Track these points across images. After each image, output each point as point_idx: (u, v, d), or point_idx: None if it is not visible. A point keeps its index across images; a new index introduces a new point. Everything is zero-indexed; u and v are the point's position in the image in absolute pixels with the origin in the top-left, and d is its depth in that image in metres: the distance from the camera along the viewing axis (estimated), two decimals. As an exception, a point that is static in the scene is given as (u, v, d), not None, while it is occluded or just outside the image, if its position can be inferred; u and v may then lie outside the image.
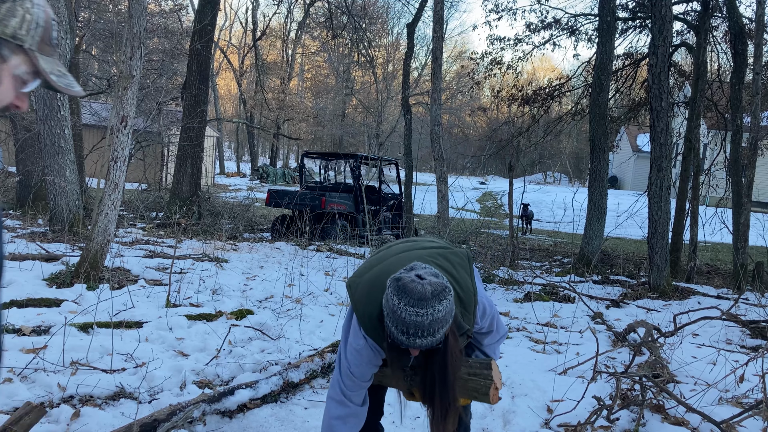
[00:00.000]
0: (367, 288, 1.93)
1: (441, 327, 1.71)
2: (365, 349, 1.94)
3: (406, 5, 23.96)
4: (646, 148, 27.50)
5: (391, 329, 1.72)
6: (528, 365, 4.08)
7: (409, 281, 1.70)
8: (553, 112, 15.50)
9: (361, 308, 1.91)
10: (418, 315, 1.66)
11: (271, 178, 31.48)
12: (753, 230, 9.41)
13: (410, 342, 1.70)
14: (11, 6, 1.06)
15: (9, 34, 1.06)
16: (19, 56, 1.09)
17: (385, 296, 1.74)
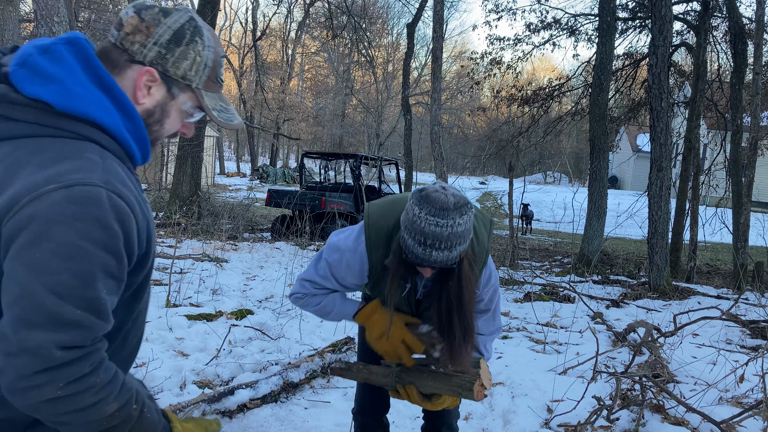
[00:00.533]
0: (387, 204, 1.93)
1: (458, 243, 1.66)
2: (348, 252, 1.90)
3: (406, 5, 23.95)
4: (646, 148, 27.50)
5: (407, 241, 1.67)
6: (528, 365, 4.08)
7: (433, 191, 1.67)
8: (553, 112, 15.50)
9: (374, 219, 1.89)
10: (438, 225, 1.62)
11: (271, 178, 31.49)
12: (753, 230, 9.41)
13: (426, 254, 1.65)
14: (184, 50, 1.16)
15: (180, 75, 1.17)
16: (186, 94, 1.20)
17: (406, 210, 1.71)
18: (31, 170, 1.02)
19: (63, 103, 1.07)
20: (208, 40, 1.21)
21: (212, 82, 1.22)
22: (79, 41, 1.12)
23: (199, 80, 1.20)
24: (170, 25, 1.16)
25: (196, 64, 1.18)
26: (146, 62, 1.15)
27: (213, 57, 1.21)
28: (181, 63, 1.17)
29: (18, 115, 1.06)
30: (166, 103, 1.19)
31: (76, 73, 1.09)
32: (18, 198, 0.99)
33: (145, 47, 1.14)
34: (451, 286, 1.78)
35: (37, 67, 1.07)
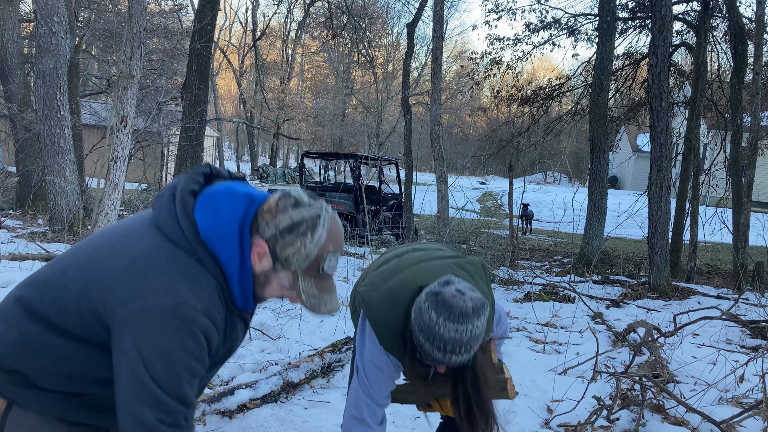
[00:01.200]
0: (387, 301, 1.86)
1: (477, 343, 1.66)
2: (387, 366, 1.87)
3: (406, 5, 23.97)
4: (646, 148, 27.49)
5: (425, 345, 1.65)
6: (528, 365, 4.08)
7: (450, 296, 1.63)
8: (553, 112, 15.51)
9: (381, 323, 1.84)
10: (458, 331, 1.60)
11: (271, 178, 31.48)
12: (753, 230, 9.41)
13: (445, 359, 1.64)
14: (293, 239, 1.37)
15: (283, 257, 1.39)
16: (286, 272, 1.41)
17: (418, 310, 1.68)
18: (160, 276, 1.31)
19: (211, 238, 1.36)
20: (319, 238, 1.39)
21: (312, 270, 1.41)
22: (254, 203, 1.40)
23: (299, 266, 1.40)
24: (293, 216, 1.38)
25: (299, 253, 1.38)
26: (264, 237, 1.38)
27: (317, 252, 1.39)
28: (287, 248, 1.38)
29: (183, 219, 1.36)
30: (270, 274, 1.41)
31: (234, 221, 1.37)
32: (141, 294, 1.28)
33: (267, 225, 1.38)
34: (467, 380, 1.78)
35: (217, 202, 1.38)
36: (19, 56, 10.62)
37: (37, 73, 7.67)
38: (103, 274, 1.33)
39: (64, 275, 1.38)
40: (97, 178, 12.47)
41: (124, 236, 1.40)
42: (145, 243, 1.36)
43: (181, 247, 1.35)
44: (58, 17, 7.57)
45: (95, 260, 1.37)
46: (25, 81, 10.49)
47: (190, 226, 1.36)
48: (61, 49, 7.62)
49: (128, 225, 1.45)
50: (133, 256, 1.34)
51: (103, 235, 1.46)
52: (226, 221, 1.36)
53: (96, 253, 1.39)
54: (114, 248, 1.38)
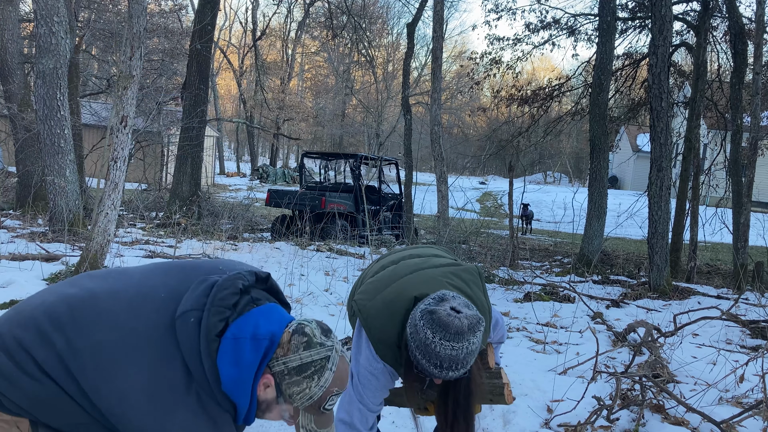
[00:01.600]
0: (383, 311, 1.87)
1: (473, 358, 1.69)
2: (382, 374, 1.88)
3: (406, 5, 23.98)
4: (646, 148, 27.49)
5: (421, 362, 1.68)
6: (528, 365, 4.08)
7: (445, 315, 1.65)
8: (552, 112, 15.50)
9: (377, 333, 1.85)
10: (454, 349, 1.63)
11: (271, 178, 31.48)
12: (753, 230, 9.40)
13: (442, 375, 1.68)
14: (299, 380, 1.42)
15: (288, 394, 1.43)
16: (288, 405, 1.46)
17: (413, 328, 1.69)
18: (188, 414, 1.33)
19: (232, 389, 1.38)
20: (325, 382, 1.43)
21: (314, 408, 1.47)
22: (274, 346, 1.42)
23: (301, 404, 1.45)
24: (302, 357, 1.41)
25: (303, 394, 1.43)
26: (272, 371, 1.42)
27: (321, 394, 1.44)
28: (293, 387, 1.42)
29: (206, 361, 1.37)
30: (272, 404, 1.46)
31: (252, 369, 1.39)
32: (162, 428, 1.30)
33: (277, 361, 1.41)
34: (459, 388, 1.81)
35: (241, 349, 1.39)
36: (19, 56, 10.62)
37: (37, 73, 7.67)
38: (127, 384, 1.32)
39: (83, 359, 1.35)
40: (97, 178, 12.49)
41: (151, 337, 1.38)
42: (174, 372, 1.35)
43: (205, 391, 1.37)
44: (58, 17, 7.57)
45: (117, 359, 1.35)
46: (25, 81, 10.49)
47: (213, 373, 1.38)
48: (61, 49, 7.62)
49: (150, 314, 1.41)
50: (163, 378, 1.34)
51: (124, 309, 1.42)
52: (247, 371, 1.39)
53: (120, 349, 1.36)
54: (139, 352, 1.36)
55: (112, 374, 1.32)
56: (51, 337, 1.35)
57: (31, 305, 1.45)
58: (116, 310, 1.41)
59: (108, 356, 1.34)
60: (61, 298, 1.45)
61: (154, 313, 1.41)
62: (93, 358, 1.33)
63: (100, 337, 1.35)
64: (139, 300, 1.43)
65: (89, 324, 1.38)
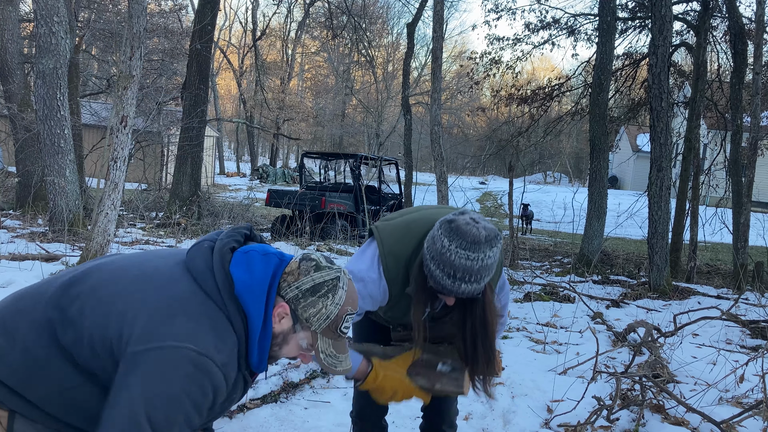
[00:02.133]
0: (401, 229, 1.86)
1: (487, 275, 1.65)
2: (372, 284, 1.84)
3: (406, 5, 23.97)
4: (646, 148, 27.45)
5: (435, 273, 1.66)
6: (528, 365, 4.08)
7: (464, 223, 1.63)
8: (552, 111, 15.50)
9: (388, 246, 1.83)
10: (469, 258, 1.60)
11: (271, 178, 31.48)
12: (753, 230, 9.40)
13: (454, 286, 1.64)
14: (315, 300, 1.44)
15: (305, 317, 1.45)
16: (306, 332, 1.47)
17: (431, 238, 1.68)
18: (189, 322, 1.33)
19: (244, 294, 1.40)
20: (339, 299, 1.46)
21: (330, 331, 1.48)
22: (283, 265, 1.46)
23: (318, 326, 1.46)
24: (314, 278, 1.44)
25: (320, 314, 1.44)
26: (286, 299, 1.44)
27: (337, 312, 1.46)
28: (309, 309, 1.44)
29: (218, 274, 1.40)
30: (288, 334, 1.47)
31: (265, 281, 1.42)
32: (165, 335, 1.29)
33: (290, 287, 1.44)
34: (476, 314, 1.77)
35: (252, 260, 1.44)
36: (19, 56, 10.62)
37: (37, 73, 7.67)
38: (128, 306, 1.34)
39: (84, 301, 1.37)
40: (97, 178, 12.50)
41: (156, 274, 1.42)
42: (179, 287, 1.38)
43: (213, 300, 1.38)
44: (58, 17, 7.57)
45: (121, 293, 1.37)
46: (25, 81, 10.49)
47: (225, 280, 1.40)
48: (61, 49, 7.62)
49: (158, 263, 1.46)
50: (165, 296, 1.36)
51: (128, 266, 1.46)
52: (259, 280, 1.42)
53: (123, 286, 1.39)
54: (144, 285, 1.39)
55: (123, 295, 1.36)
56: (68, 302, 1.38)
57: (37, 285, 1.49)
58: (126, 266, 1.46)
59: (119, 288, 1.38)
60: (75, 270, 1.48)
61: (162, 259, 1.47)
62: (100, 298, 1.37)
63: (111, 289, 1.39)
64: (147, 258, 1.49)
65: (100, 280, 1.42)
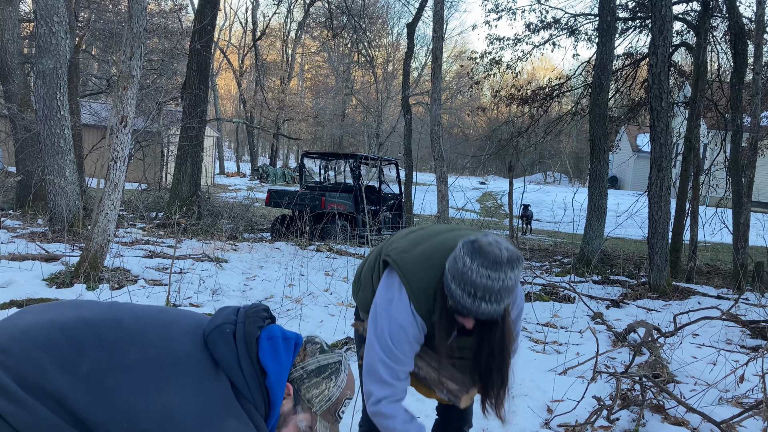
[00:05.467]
0: (422, 261, 1.85)
1: (506, 297, 1.66)
2: (411, 327, 1.83)
3: (406, 5, 23.97)
4: (646, 148, 27.48)
5: (455, 292, 1.66)
6: (528, 365, 4.08)
7: (486, 244, 1.65)
8: (552, 112, 15.48)
9: (417, 282, 1.82)
10: (490, 278, 1.61)
11: (271, 178, 31.47)
12: (753, 230, 9.40)
13: (474, 306, 1.64)
14: (319, 381, 1.46)
15: (307, 398, 1.46)
16: (305, 414, 1.47)
17: (452, 259, 1.69)
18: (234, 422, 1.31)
19: (274, 385, 1.41)
20: (341, 383, 1.49)
21: (330, 414, 1.49)
22: (298, 346, 1.48)
23: (319, 408, 1.47)
24: (320, 360, 1.47)
25: (323, 395, 1.46)
26: (289, 379, 1.45)
27: (338, 395, 1.48)
28: (312, 390, 1.46)
29: (245, 365, 1.38)
30: (289, 416, 1.46)
31: (288, 369, 1.44)
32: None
33: (295, 368, 1.45)
34: (494, 338, 1.77)
35: (278, 348, 1.43)
36: (19, 56, 10.62)
37: (37, 73, 7.67)
38: (174, 406, 1.27)
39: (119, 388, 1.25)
40: (97, 178, 12.50)
41: (184, 362, 1.34)
42: (214, 386, 1.34)
43: (242, 394, 1.37)
44: (58, 17, 7.57)
45: (153, 385, 1.27)
46: (25, 81, 10.49)
47: (253, 373, 1.39)
48: (61, 49, 7.62)
49: (176, 343, 1.37)
50: (207, 398, 1.31)
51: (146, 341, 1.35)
52: (285, 368, 1.43)
53: (153, 374, 1.29)
54: (174, 377, 1.31)
55: (153, 391, 1.26)
56: (76, 360, 1.26)
57: (39, 323, 1.33)
58: (145, 331, 1.36)
59: (148, 374, 1.28)
60: (77, 318, 1.35)
61: (183, 335, 1.38)
62: (130, 377, 1.26)
63: (135, 356, 1.29)
64: (164, 323, 1.41)
65: (119, 343, 1.31)
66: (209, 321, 1.44)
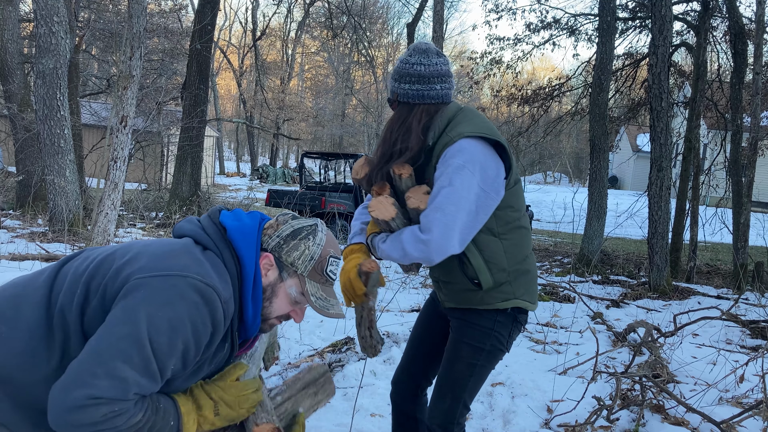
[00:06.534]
0: None
1: (409, 81, 1.83)
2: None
3: (406, 5, 23.99)
4: (646, 148, 27.47)
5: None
6: (528, 365, 4.08)
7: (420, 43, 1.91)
8: (553, 112, 15.48)
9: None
10: (406, 62, 1.84)
11: (271, 178, 31.47)
12: (753, 230, 9.40)
13: (392, 85, 1.87)
14: (297, 243, 1.50)
15: (289, 262, 1.50)
16: (293, 279, 1.51)
17: None
18: (193, 260, 1.37)
19: (236, 237, 1.47)
20: (320, 240, 1.53)
21: (317, 273, 1.52)
22: (264, 221, 1.56)
23: (305, 269, 1.50)
24: (293, 225, 1.53)
25: (304, 255, 1.50)
26: (269, 249, 1.50)
27: (320, 253, 1.51)
28: (292, 252, 1.50)
29: (208, 226, 1.48)
30: (276, 284, 1.50)
31: (254, 227, 1.51)
32: (169, 266, 1.32)
33: (270, 238, 1.51)
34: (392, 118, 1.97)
35: (239, 213, 1.54)
36: (19, 56, 10.62)
37: (37, 73, 7.67)
38: (134, 254, 1.38)
39: (90, 269, 1.39)
40: (97, 178, 12.50)
41: (155, 241, 1.47)
42: (177, 243, 1.43)
43: (209, 248, 1.44)
44: (58, 17, 7.57)
45: (124, 256, 1.40)
46: (25, 81, 10.49)
47: (216, 229, 1.48)
48: (61, 49, 7.62)
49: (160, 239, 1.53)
50: (167, 244, 1.41)
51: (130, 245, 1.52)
52: (249, 226, 1.50)
53: (129, 252, 1.42)
54: (148, 245, 1.44)
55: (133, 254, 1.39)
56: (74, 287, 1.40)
57: None
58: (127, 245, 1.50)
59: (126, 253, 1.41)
60: None
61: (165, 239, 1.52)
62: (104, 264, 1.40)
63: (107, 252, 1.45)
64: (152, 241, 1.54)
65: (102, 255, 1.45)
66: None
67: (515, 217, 1.89)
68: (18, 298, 1.39)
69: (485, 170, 1.77)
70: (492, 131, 1.82)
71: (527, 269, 1.93)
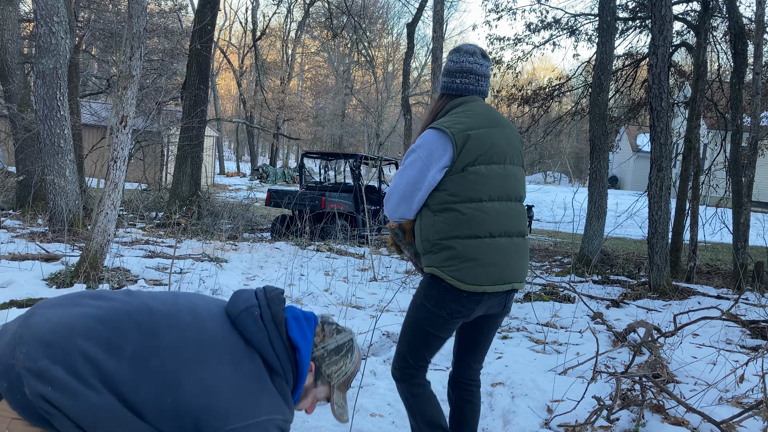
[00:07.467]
0: None
1: None
2: None
3: (406, 5, 23.99)
4: (646, 148, 27.49)
5: None
6: (528, 365, 4.08)
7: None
8: (553, 112, 15.48)
9: None
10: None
11: (271, 178, 31.47)
12: (753, 230, 9.40)
13: None
14: (338, 359, 1.68)
15: (327, 374, 1.68)
16: (324, 387, 1.70)
17: None
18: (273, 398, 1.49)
19: (304, 359, 1.60)
20: (355, 358, 1.73)
21: (344, 386, 1.73)
22: (316, 323, 1.70)
23: (337, 381, 1.70)
24: (337, 340, 1.69)
25: (341, 371, 1.69)
26: (312, 358, 1.66)
27: (353, 369, 1.72)
28: (332, 366, 1.68)
29: (277, 344, 1.55)
30: (309, 389, 1.69)
31: (311, 345, 1.64)
32: (259, 413, 1.43)
33: (316, 347, 1.66)
34: None
35: (303, 326, 1.63)
36: (19, 56, 10.62)
37: (37, 73, 7.67)
38: (215, 380, 1.42)
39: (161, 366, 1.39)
40: (97, 178, 12.49)
41: (220, 341, 1.49)
42: (249, 364, 1.50)
43: (276, 372, 1.54)
44: (58, 17, 7.56)
45: (195, 361, 1.41)
46: (25, 81, 10.49)
47: (284, 350, 1.57)
48: (61, 49, 7.62)
49: (208, 324, 1.51)
50: (244, 374, 1.47)
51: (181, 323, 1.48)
52: (310, 345, 1.64)
53: (193, 352, 1.43)
54: (213, 355, 1.45)
55: (194, 367, 1.40)
56: (119, 344, 1.39)
57: (73, 315, 1.42)
58: (177, 314, 1.50)
59: (188, 352, 1.42)
60: (107, 308, 1.46)
61: (212, 318, 1.53)
62: (172, 355, 1.40)
63: (174, 336, 1.43)
64: (191, 307, 1.55)
65: (157, 326, 1.45)
66: (231, 304, 1.59)
67: (449, 201, 2.18)
68: None
69: (431, 153, 2.18)
70: (453, 124, 2.19)
71: (451, 246, 2.16)
